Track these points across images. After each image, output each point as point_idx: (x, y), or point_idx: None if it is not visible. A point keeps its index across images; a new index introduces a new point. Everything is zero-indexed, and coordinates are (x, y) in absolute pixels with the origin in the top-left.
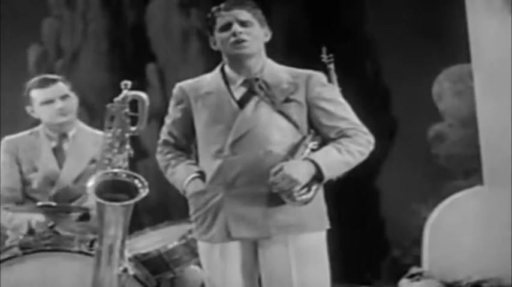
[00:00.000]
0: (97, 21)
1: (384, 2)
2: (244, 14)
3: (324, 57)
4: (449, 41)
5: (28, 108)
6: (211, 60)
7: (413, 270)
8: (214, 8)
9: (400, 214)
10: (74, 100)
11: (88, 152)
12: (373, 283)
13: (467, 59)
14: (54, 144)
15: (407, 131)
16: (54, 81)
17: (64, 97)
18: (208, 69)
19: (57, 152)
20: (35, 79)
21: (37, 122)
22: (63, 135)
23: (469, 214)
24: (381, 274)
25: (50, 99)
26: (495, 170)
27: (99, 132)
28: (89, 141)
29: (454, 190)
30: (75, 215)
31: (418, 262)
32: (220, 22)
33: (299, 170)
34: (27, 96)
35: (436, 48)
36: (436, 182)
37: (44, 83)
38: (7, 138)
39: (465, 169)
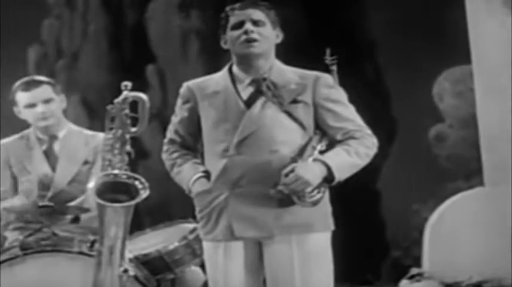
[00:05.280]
0: (97, 21)
1: (385, 3)
2: (257, 14)
3: (328, 58)
4: (449, 42)
5: (15, 110)
6: (211, 61)
7: (414, 271)
8: (228, 7)
9: (401, 215)
10: (58, 103)
11: (80, 153)
12: (373, 283)
13: (467, 60)
14: (45, 147)
15: (408, 132)
16: (38, 84)
17: (47, 101)
18: (208, 70)
19: (49, 154)
20: (21, 81)
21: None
22: (53, 137)
23: (470, 215)
24: (381, 275)
25: (32, 103)
26: (496, 171)
27: (89, 132)
28: (80, 141)
29: (454, 190)
30: (70, 217)
31: (418, 262)
32: (233, 20)
33: (312, 172)
34: (13, 98)
35: (437, 50)
36: (436, 183)
37: (28, 86)
38: (0, 142)
39: (466, 170)
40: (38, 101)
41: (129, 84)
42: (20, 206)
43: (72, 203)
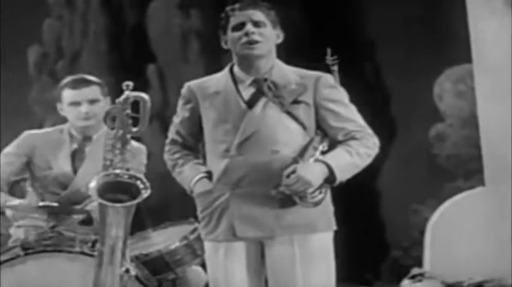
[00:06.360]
0: (97, 21)
1: (385, 3)
2: (258, 15)
3: (329, 58)
4: (450, 42)
5: (58, 105)
6: (211, 60)
7: (415, 271)
8: (228, 8)
9: (401, 215)
10: (102, 105)
11: None
12: (373, 283)
13: (468, 59)
14: (75, 146)
15: (408, 132)
16: (87, 83)
17: (93, 101)
18: (208, 69)
19: (77, 154)
20: (71, 78)
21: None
22: (87, 138)
23: (470, 215)
24: (382, 275)
25: (78, 101)
26: (496, 170)
27: None
28: None
29: (455, 190)
30: (77, 217)
31: (418, 262)
32: (233, 21)
33: (313, 172)
34: (59, 93)
35: (437, 49)
36: (436, 183)
37: (76, 85)
38: (27, 132)
39: (466, 170)
40: (84, 100)
41: (130, 84)
42: (26, 205)
43: (79, 207)
